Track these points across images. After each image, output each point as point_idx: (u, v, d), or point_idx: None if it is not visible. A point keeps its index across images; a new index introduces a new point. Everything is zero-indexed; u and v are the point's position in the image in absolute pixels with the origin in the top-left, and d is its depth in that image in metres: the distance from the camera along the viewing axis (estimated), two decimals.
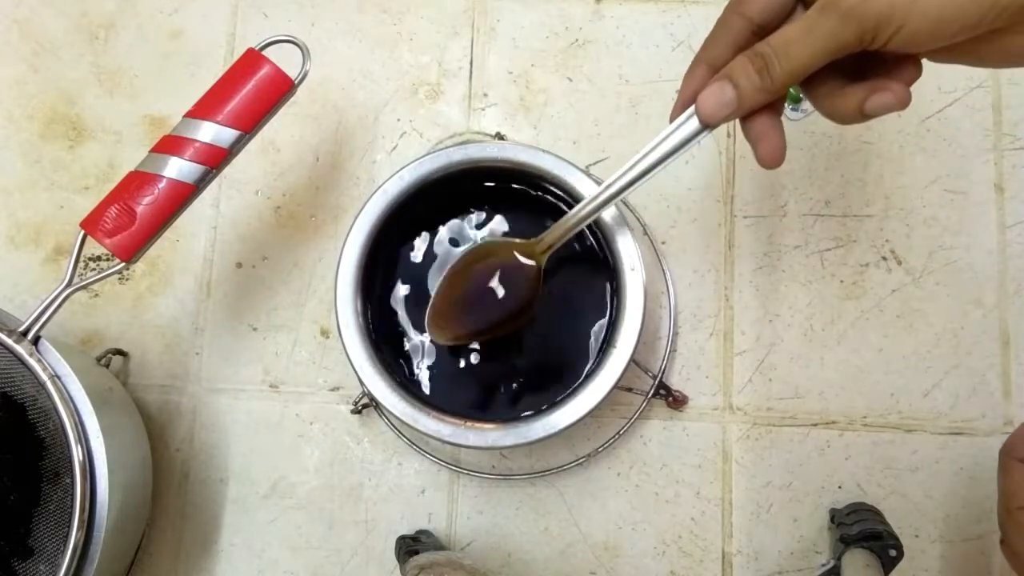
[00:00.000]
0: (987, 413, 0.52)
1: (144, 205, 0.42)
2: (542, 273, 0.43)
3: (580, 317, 0.49)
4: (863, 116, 0.32)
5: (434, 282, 0.49)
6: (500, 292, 0.43)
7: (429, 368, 0.49)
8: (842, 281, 0.54)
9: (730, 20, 0.34)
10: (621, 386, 0.45)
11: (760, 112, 0.33)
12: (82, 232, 0.43)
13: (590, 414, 0.44)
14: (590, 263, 0.49)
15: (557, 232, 0.42)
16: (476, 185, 0.49)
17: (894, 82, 0.31)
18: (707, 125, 0.34)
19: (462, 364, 0.49)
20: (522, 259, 0.43)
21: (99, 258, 0.56)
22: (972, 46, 0.30)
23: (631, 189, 0.39)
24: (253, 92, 0.43)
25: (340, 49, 0.58)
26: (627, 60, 0.57)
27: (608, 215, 0.46)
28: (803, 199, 0.55)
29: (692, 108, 0.35)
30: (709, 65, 0.34)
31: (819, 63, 0.31)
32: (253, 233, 0.57)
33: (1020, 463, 0.38)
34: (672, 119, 0.36)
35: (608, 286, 0.48)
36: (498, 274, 0.43)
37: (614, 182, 0.39)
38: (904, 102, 0.31)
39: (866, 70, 0.32)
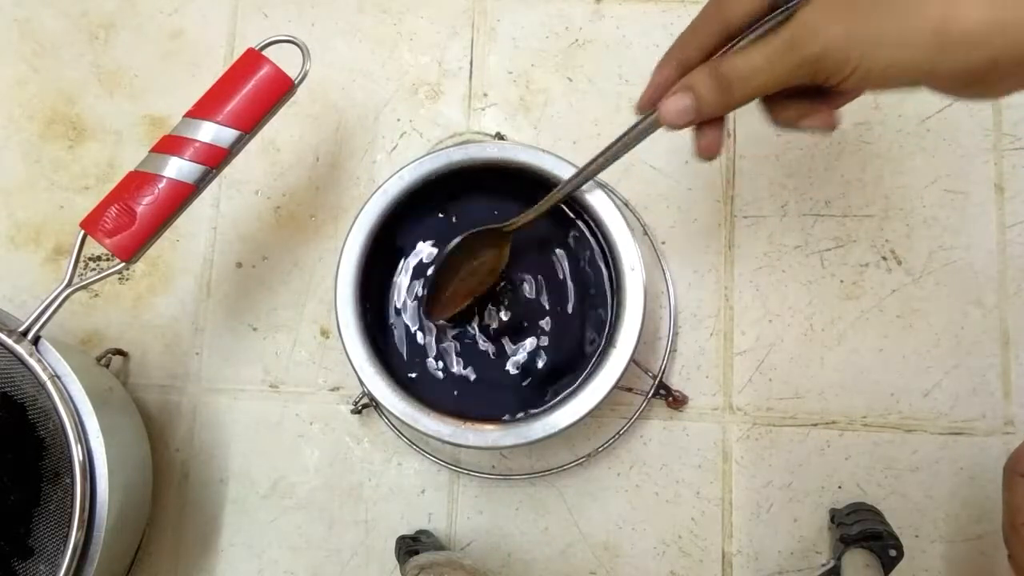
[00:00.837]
0: (987, 413, 0.52)
1: (144, 205, 0.42)
2: (508, 247, 0.47)
3: (580, 317, 0.49)
4: (797, 128, 0.35)
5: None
6: (471, 273, 0.48)
7: (430, 367, 0.49)
8: (842, 281, 0.54)
9: (706, 24, 0.35)
10: (621, 386, 0.45)
11: None
12: (82, 232, 0.43)
13: (590, 414, 0.44)
14: (590, 263, 0.49)
15: (530, 215, 0.45)
16: (476, 185, 0.49)
17: (826, 107, 0.35)
18: (668, 127, 0.37)
19: (462, 364, 0.49)
20: (496, 237, 0.47)
21: (99, 258, 0.56)
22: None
23: (600, 171, 0.42)
24: (253, 92, 0.43)
25: (340, 49, 0.58)
26: (627, 60, 0.57)
27: (608, 215, 0.46)
28: (803, 199, 0.55)
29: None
30: (680, 63, 0.36)
31: (774, 89, 0.33)
32: (253, 233, 0.57)
33: None
34: (638, 110, 0.39)
35: (608, 286, 0.48)
36: (473, 252, 0.47)
37: (585, 167, 0.43)
38: (830, 126, 0.35)
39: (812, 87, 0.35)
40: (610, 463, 0.53)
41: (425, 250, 0.50)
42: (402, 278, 0.50)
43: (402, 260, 0.50)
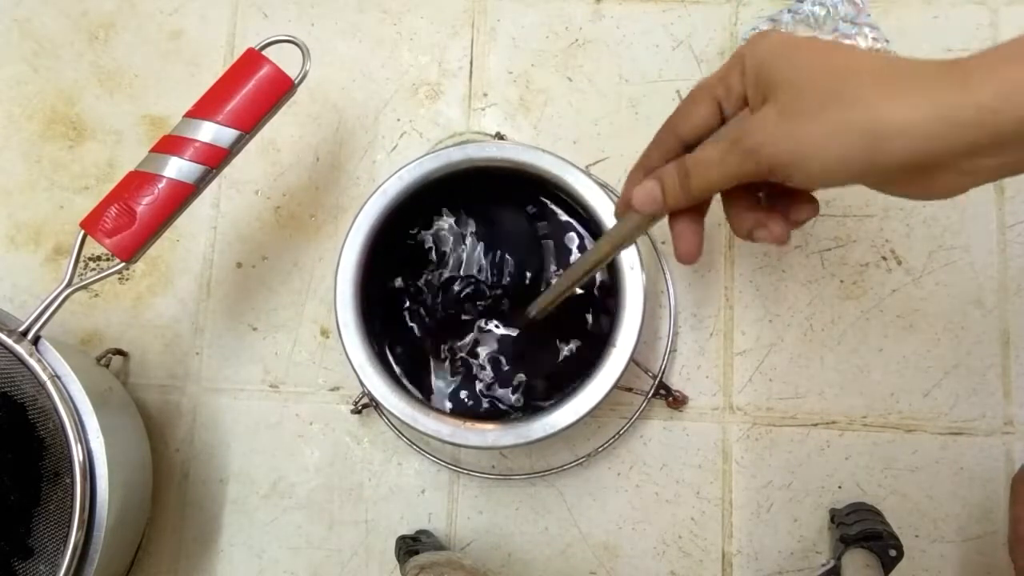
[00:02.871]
0: (987, 413, 0.52)
1: (144, 205, 0.42)
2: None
3: (580, 317, 0.49)
4: (752, 239, 0.37)
5: (433, 281, 0.49)
6: None
7: (429, 368, 0.49)
8: (842, 281, 0.54)
9: (665, 138, 0.39)
10: (621, 386, 0.45)
11: (684, 214, 0.39)
12: (82, 232, 0.43)
13: (590, 414, 0.44)
14: None
15: (531, 312, 0.46)
16: (476, 184, 0.49)
17: (777, 223, 0.37)
18: (641, 214, 0.39)
19: (461, 362, 0.49)
20: None
21: (99, 258, 0.56)
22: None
23: (591, 274, 0.42)
24: (253, 92, 0.43)
25: (340, 49, 0.58)
26: (627, 60, 0.57)
27: (608, 215, 0.46)
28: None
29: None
30: (647, 170, 0.39)
31: (728, 184, 0.35)
32: (253, 233, 0.57)
33: None
34: (617, 215, 0.41)
35: (608, 285, 0.48)
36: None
37: (573, 270, 0.43)
38: (780, 240, 0.37)
39: (774, 198, 0.37)
40: (610, 463, 0.53)
41: (425, 249, 0.50)
42: (402, 277, 0.50)
43: (402, 259, 0.50)
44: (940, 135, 0.29)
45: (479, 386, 0.49)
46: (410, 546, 0.49)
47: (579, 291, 0.49)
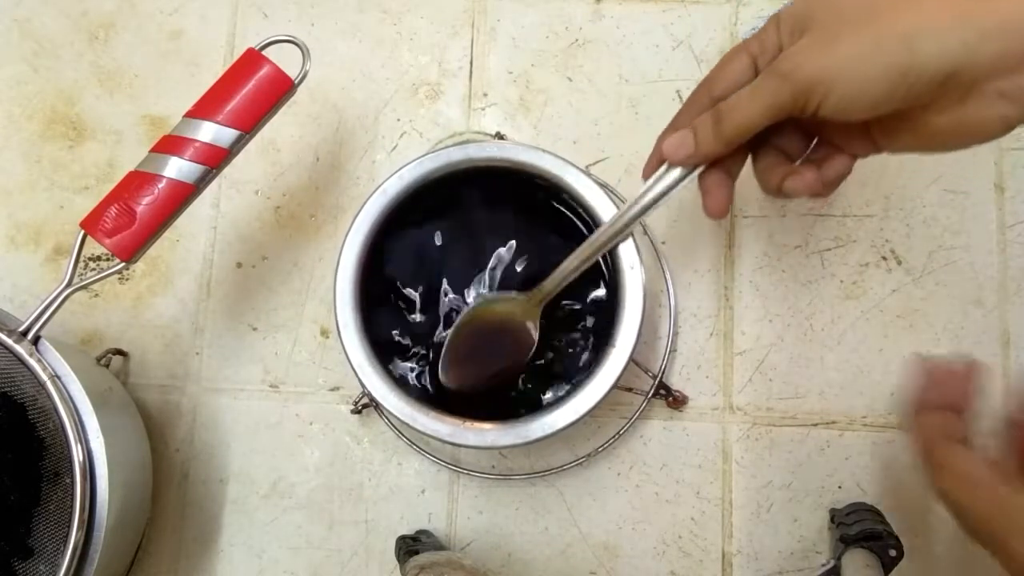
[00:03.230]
0: (987, 413, 0.52)
1: (144, 205, 0.42)
2: (537, 325, 0.46)
3: (579, 317, 0.49)
4: (782, 193, 0.37)
5: (434, 282, 0.49)
6: (495, 350, 0.46)
7: (429, 368, 0.49)
8: (842, 281, 0.54)
9: (697, 96, 0.39)
10: (621, 386, 0.45)
11: (714, 168, 0.39)
12: (82, 232, 0.43)
13: (589, 414, 0.44)
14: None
15: (549, 286, 0.45)
16: (476, 184, 0.49)
17: (809, 171, 0.36)
18: (671, 165, 0.39)
19: (462, 363, 0.49)
20: (516, 318, 0.46)
21: (99, 258, 0.56)
22: (907, 124, 0.33)
23: (615, 241, 0.43)
24: (253, 92, 0.43)
25: (340, 49, 0.58)
26: (627, 60, 0.57)
27: (607, 215, 0.46)
28: (803, 199, 0.55)
29: (664, 166, 0.40)
30: (677, 130, 0.39)
31: (761, 121, 0.35)
32: (253, 233, 0.57)
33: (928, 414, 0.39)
34: (645, 175, 0.41)
35: (607, 285, 0.48)
36: (494, 334, 0.46)
37: (599, 236, 0.43)
38: (813, 189, 0.36)
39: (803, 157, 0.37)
40: (610, 463, 0.53)
41: (425, 249, 0.50)
42: (402, 278, 0.50)
43: (402, 259, 0.50)
44: (970, 43, 0.29)
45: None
46: (410, 546, 0.49)
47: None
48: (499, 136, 0.56)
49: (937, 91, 0.31)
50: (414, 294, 0.49)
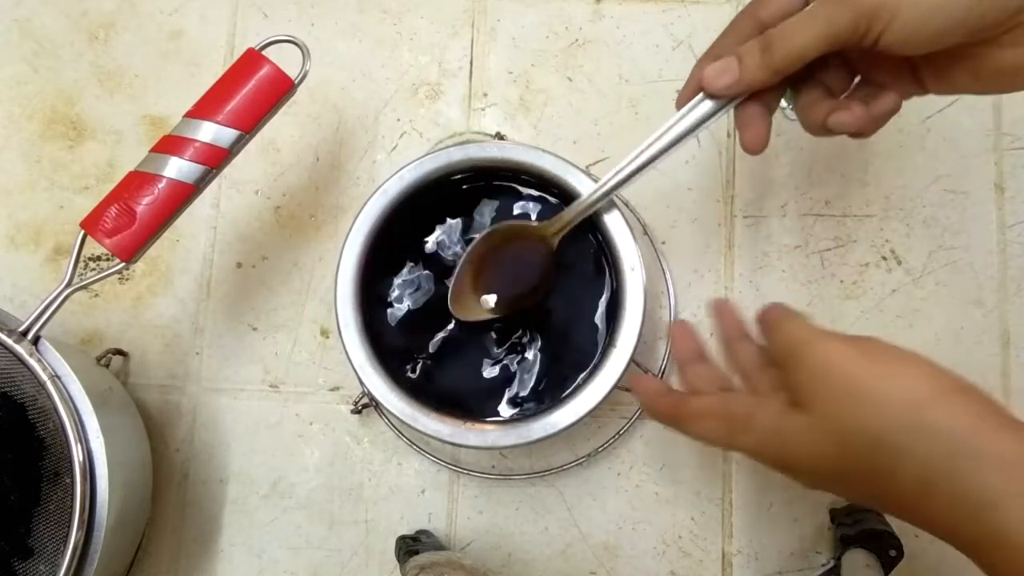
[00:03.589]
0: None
1: (144, 205, 0.42)
2: (555, 250, 0.45)
3: (580, 317, 0.49)
4: (827, 130, 0.35)
5: (433, 279, 0.49)
6: (517, 269, 0.46)
7: (430, 367, 0.49)
8: (842, 281, 0.54)
9: (741, 22, 0.36)
10: (621, 386, 0.45)
11: (754, 99, 0.36)
12: (82, 232, 0.43)
13: (590, 414, 0.44)
14: (591, 263, 0.49)
15: (570, 214, 0.44)
16: (476, 184, 0.49)
17: (858, 105, 0.34)
18: (711, 96, 0.36)
19: (462, 363, 0.49)
20: (536, 239, 0.45)
21: (99, 258, 0.56)
22: (964, 63, 0.32)
23: (641, 173, 0.42)
24: (253, 92, 0.43)
25: (340, 49, 0.58)
26: (627, 60, 0.57)
27: (608, 215, 0.46)
28: (803, 199, 0.55)
29: (699, 96, 0.37)
30: (717, 58, 0.36)
31: (816, 49, 0.32)
32: (253, 233, 0.57)
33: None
34: (679, 105, 0.39)
35: (608, 286, 0.48)
36: (515, 253, 0.46)
37: (624, 166, 0.42)
38: (861, 123, 0.34)
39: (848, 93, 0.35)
40: (610, 463, 0.53)
41: (425, 249, 0.50)
42: (403, 277, 0.50)
43: (402, 259, 0.50)
44: None
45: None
46: (410, 546, 0.49)
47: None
48: (499, 136, 0.56)
49: (1010, 21, 0.29)
50: (414, 293, 0.49)
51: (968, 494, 0.27)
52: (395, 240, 0.49)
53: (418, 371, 0.48)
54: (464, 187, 0.49)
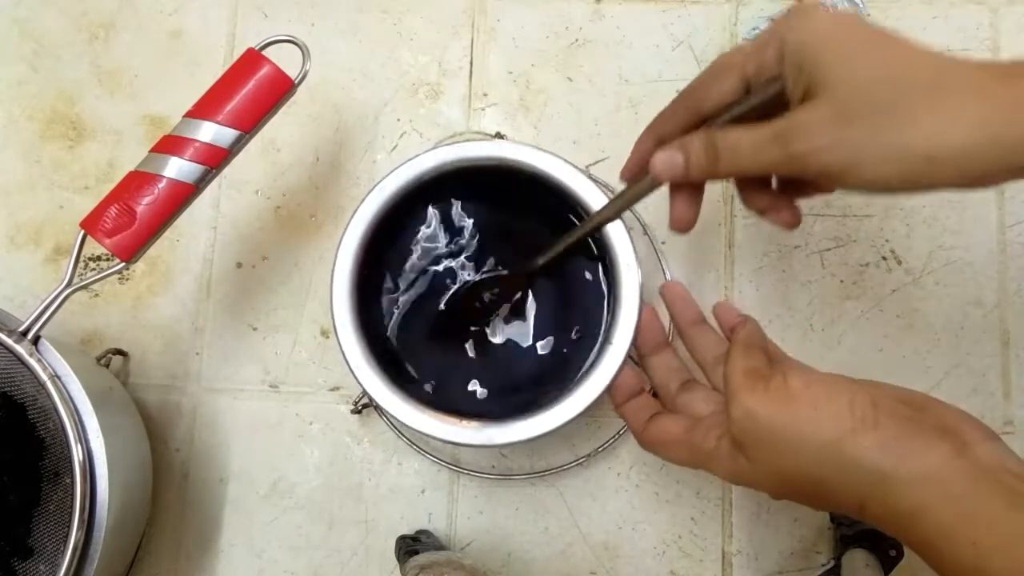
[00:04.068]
0: (987, 413, 0.52)
1: (144, 205, 0.42)
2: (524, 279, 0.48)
3: (578, 316, 0.49)
4: (763, 217, 0.39)
5: (432, 280, 0.49)
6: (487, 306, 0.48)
7: (427, 367, 0.49)
8: (842, 281, 0.54)
9: (681, 107, 0.39)
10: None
11: (686, 185, 0.39)
12: (82, 232, 0.43)
13: (587, 412, 0.44)
14: (586, 261, 0.49)
15: (541, 259, 0.46)
16: (475, 183, 0.49)
17: (786, 208, 0.39)
18: (656, 182, 0.39)
19: (461, 363, 0.49)
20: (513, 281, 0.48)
21: (99, 258, 0.56)
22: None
23: (590, 235, 0.44)
24: (253, 92, 0.43)
25: (340, 49, 0.58)
26: (627, 60, 0.57)
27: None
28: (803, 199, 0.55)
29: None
30: (658, 138, 0.40)
31: (757, 174, 0.36)
32: (253, 233, 0.57)
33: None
34: (623, 176, 0.42)
35: (604, 284, 0.48)
36: (488, 294, 0.48)
37: (576, 230, 0.44)
38: (789, 225, 0.39)
39: (786, 184, 0.39)
40: (610, 463, 0.53)
41: (423, 247, 0.50)
42: (401, 276, 0.50)
43: (400, 258, 0.50)
44: (992, 158, 0.30)
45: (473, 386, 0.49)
46: (410, 546, 0.49)
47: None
48: (499, 136, 0.56)
49: (954, 187, 0.31)
50: (412, 293, 0.49)
51: (894, 509, 0.31)
52: (391, 239, 0.49)
53: (415, 370, 0.48)
54: (460, 185, 0.49)
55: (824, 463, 0.33)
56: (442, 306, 0.49)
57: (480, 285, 0.49)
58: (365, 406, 0.52)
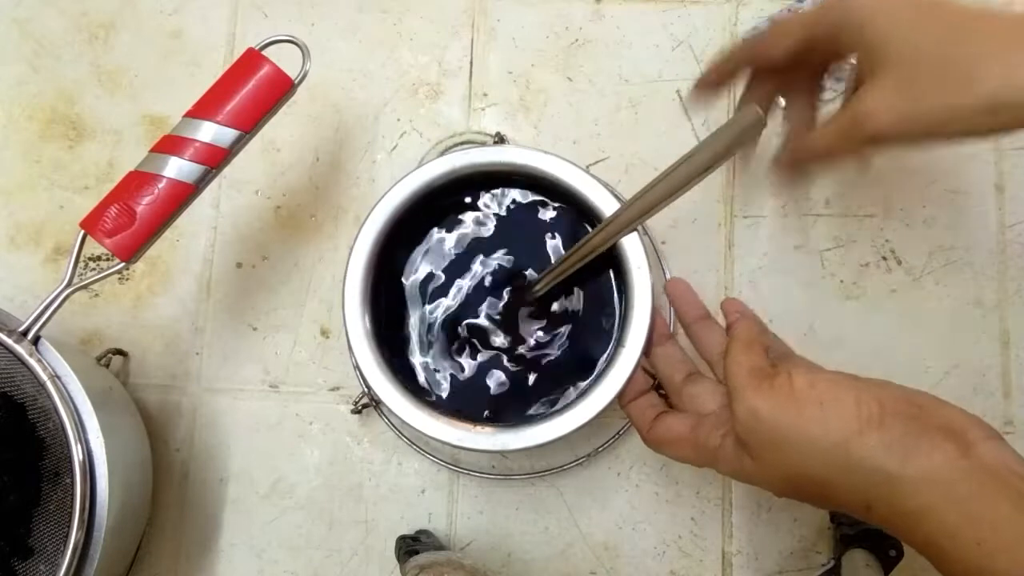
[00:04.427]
0: (987, 413, 0.52)
1: (144, 205, 0.42)
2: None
3: (588, 318, 0.49)
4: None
5: (440, 286, 0.49)
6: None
7: (436, 370, 0.49)
8: (842, 281, 0.54)
9: (741, 59, 0.42)
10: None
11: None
12: (82, 232, 0.43)
13: (602, 413, 0.44)
14: (597, 262, 0.49)
15: (547, 278, 0.47)
16: (479, 186, 0.49)
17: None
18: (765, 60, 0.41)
19: (469, 366, 0.49)
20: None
21: (99, 258, 0.56)
22: None
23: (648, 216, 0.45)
24: (253, 92, 0.43)
25: (340, 49, 0.58)
26: (627, 60, 0.57)
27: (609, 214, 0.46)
28: (803, 199, 0.55)
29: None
30: (714, 82, 0.43)
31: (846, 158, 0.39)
32: (253, 233, 0.57)
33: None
34: (698, 91, 0.44)
35: (615, 285, 0.48)
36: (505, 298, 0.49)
37: (620, 212, 0.45)
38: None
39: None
40: (610, 463, 0.53)
41: (428, 250, 0.50)
42: (408, 280, 0.50)
43: (408, 263, 0.50)
44: None
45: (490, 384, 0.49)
46: (410, 546, 0.49)
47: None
48: (499, 136, 0.56)
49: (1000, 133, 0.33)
50: (420, 297, 0.49)
51: (900, 509, 0.31)
52: (402, 243, 0.49)
53: (426, 374, 0.48)
54: (470, 190, 0.49)
55: (830, 464, 0.33)
56: (455, 309, 0.49)
57: (503, 286, 0.49)
58: (365, 406, 0.52)
